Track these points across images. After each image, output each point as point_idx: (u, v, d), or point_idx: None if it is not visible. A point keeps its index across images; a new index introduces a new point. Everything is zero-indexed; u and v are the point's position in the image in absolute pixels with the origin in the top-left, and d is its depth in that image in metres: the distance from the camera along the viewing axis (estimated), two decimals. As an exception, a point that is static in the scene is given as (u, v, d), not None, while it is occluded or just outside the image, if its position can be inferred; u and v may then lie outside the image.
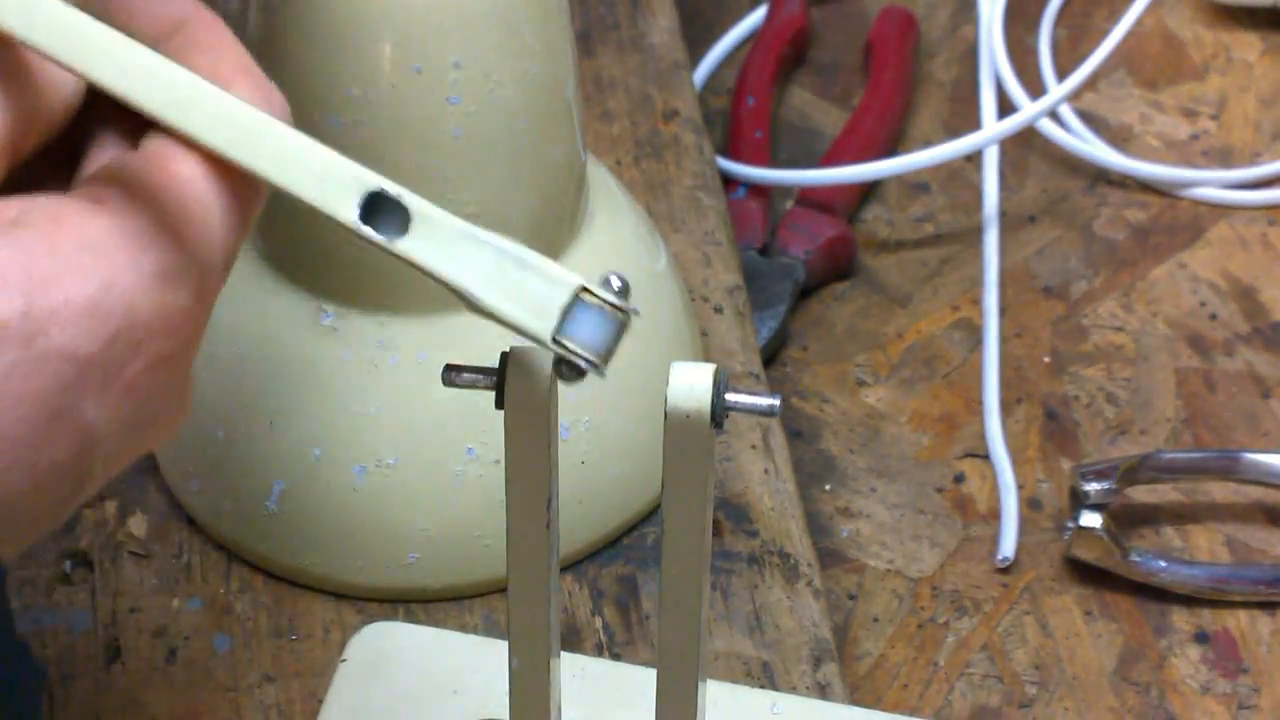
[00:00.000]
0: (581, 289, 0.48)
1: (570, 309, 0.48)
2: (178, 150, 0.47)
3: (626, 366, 0.73)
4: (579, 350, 0.48)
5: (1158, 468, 0.76)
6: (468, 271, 0.48)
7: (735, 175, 0.88)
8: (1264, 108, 0.93)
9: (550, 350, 0.48)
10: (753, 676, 0.69)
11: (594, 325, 0.48)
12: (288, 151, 0.47)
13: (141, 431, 0.48)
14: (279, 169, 0.47)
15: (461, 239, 0.48)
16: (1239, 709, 0.71)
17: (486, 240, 0.48)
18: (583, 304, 0.48)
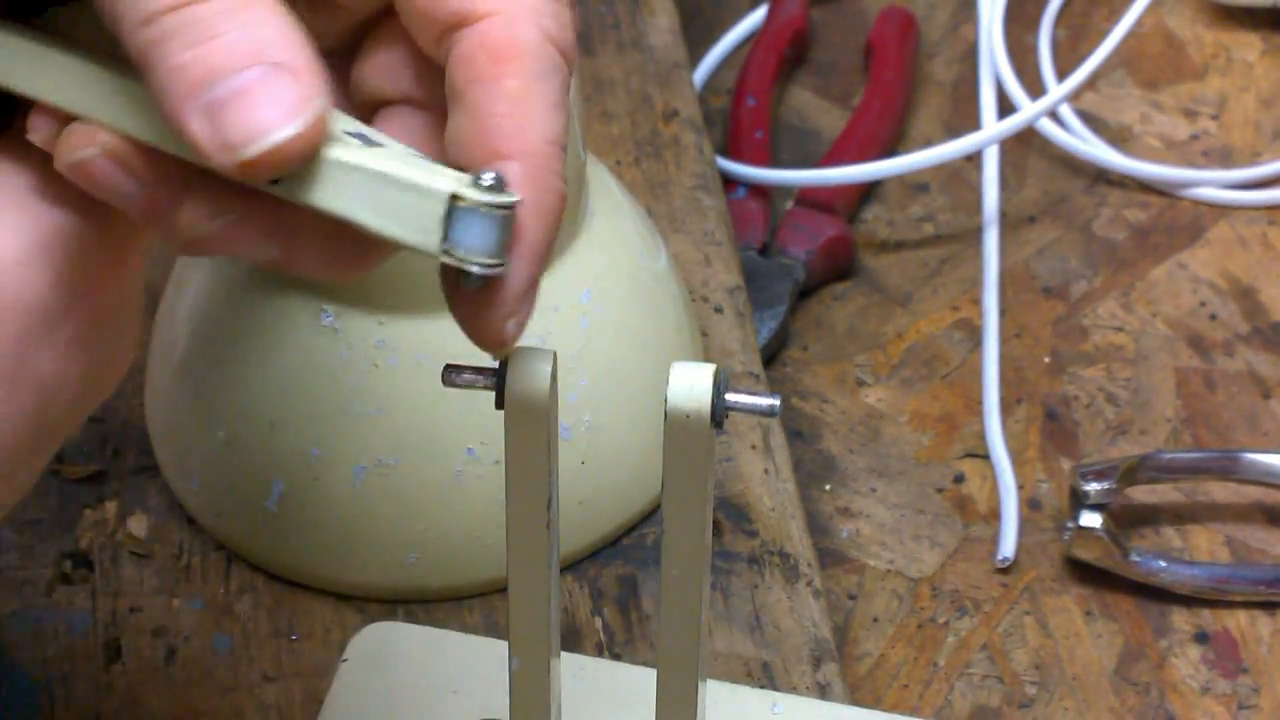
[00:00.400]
0: (452, 197, 0.47)
1: (450, 218, 0.47)
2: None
3: (626, 366, 0.73)
4: (467, 256, 0.47)
5: (1158, 468, 0.76)
6: (347, 201, 0.47)
7: (735, 175, 0.88)
8: (1264, 108, 0.93)
9: (444, 259, 0.47)
10: (753, 676, 0.69)
11: (477, 228, 0.47)
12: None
13: (95, 378, 0.48)
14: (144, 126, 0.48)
15: (334, 170, 0.47)
16: (1239, 709, 0.71)
17: (357, 165, 0.47)
18: (460, 210, 0.47)
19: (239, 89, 0.46)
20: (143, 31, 0.46)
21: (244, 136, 0.46)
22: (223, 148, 0.46)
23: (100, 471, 0.75)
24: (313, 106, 0.47)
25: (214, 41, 0.46)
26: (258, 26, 0.47)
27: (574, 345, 0.71)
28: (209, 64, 0.46)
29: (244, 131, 0.46)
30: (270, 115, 0.46)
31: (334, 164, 0.47)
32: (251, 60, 0.46)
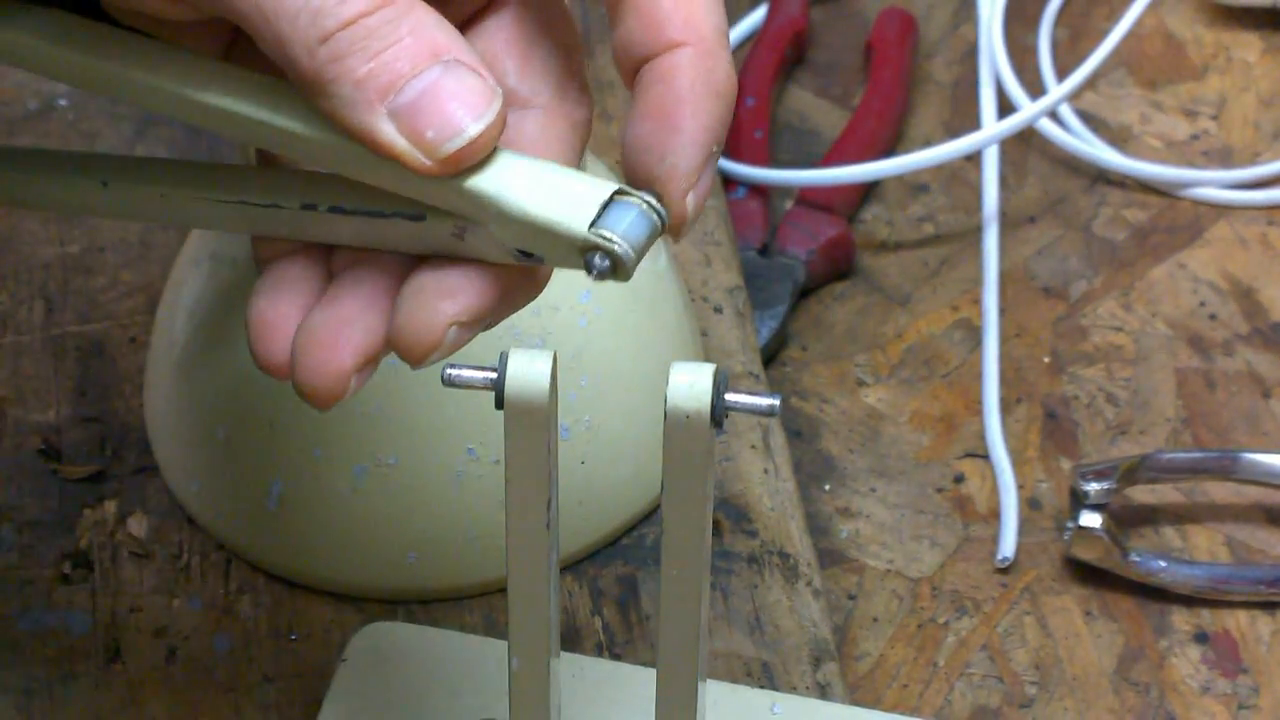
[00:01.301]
0: (619, 190, 0.49)
1: (607, 207, 0.49)
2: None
3: (626, 366, 0.73)
4: (613, 237, 0.48)
5: (1158, 468, 0.76)
6: (501, 182, 0.48)
7: (735, 175, 0.88)
8: (1264, 108, 0.93)
9: (586, 243, 0.48)
10: (753, 676, 0.69)
11: (630, 220, 0.49)
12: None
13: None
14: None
15: (495, 155, 0.49)
16: (1239, 709, 0.71)
17: (517, 156, 0.49)
18: (620, 203, 0.49)
19: (427, 89, 0.48)
20: (319, 52, 0.48)
21: (441, 135, 0.48)
22: (421, 148, 0.48)
23: (100, 471, 0.75)
24: (497, 96, 0.48)
25: (393, 48, 0.48)
26: (427, 28, 0.48)
27: (574, 345, 0.71)
28: (395, 70, 0.48)
29: (440, 129, 0.48)
30: (463, 110, 0.48)
31: (501, 152, 0.49)
32: (431, 59, 0.48)
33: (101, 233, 0.83)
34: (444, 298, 0.50)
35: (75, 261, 0.82)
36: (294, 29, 0.47)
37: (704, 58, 0.49)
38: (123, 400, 0.77)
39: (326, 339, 0.50)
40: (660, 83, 0.49)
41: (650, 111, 0.49)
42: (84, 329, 0.80)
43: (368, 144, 0.48)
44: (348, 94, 0.48)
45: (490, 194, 0.48)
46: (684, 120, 0.49)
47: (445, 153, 0.48)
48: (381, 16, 0.48)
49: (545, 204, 0.48)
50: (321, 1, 0.47)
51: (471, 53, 0.49)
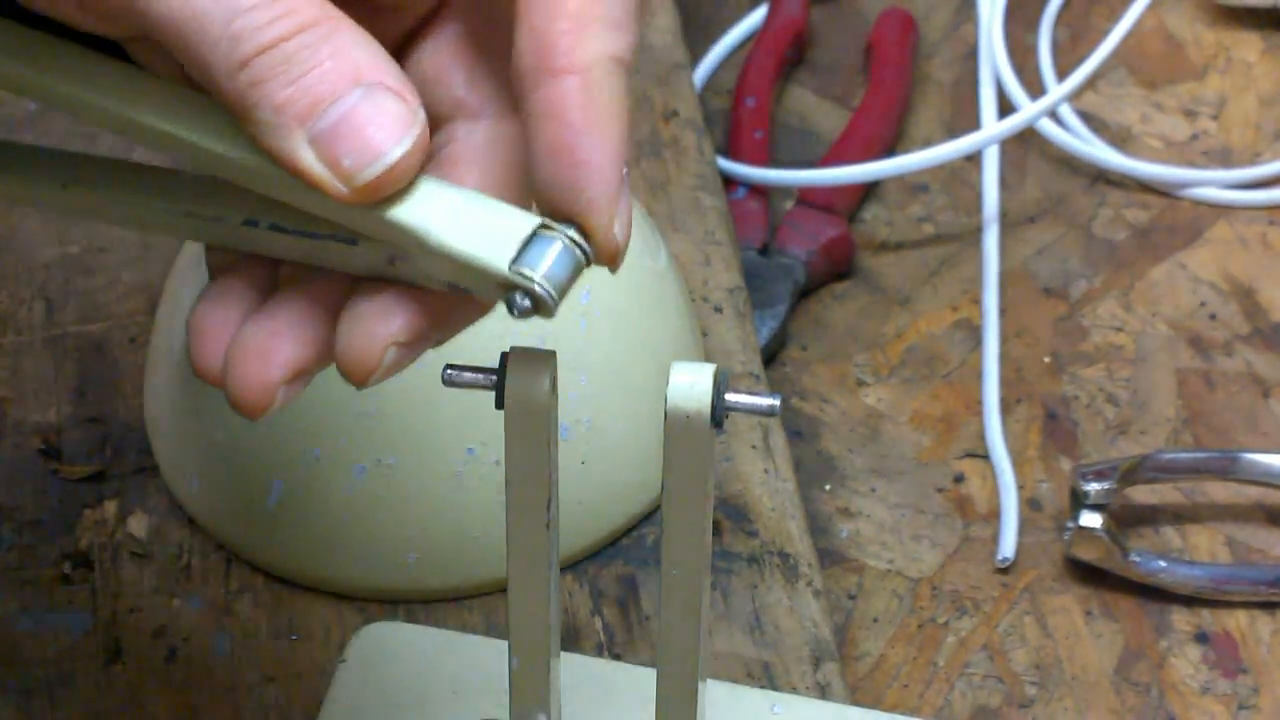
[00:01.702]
0: (542, 225, 0.48)
1: (529, 242, 0.47)
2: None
3: (626, 366, 0.73)
4: (534, 276, 0.47)
5: (1158, 468, 0.76)
6: (422, 214, 0.48)
7: (735, 175, 0.88)
8: (1264, 108, 0.93)
9: (506, 281, 0.47)
10: (753, 676, 0.69)
11: (553, 259, 0.47)
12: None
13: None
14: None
15: (420, 186, 0.48)
16: (1239, 709, 0.71)
17: (444, 186, 0.48)
18: (542, 238, 0.48)
19: (345, 115, 0.47)
20: (239, 77, 0.47)
21: (358, 161, 0.47)
22: (340, 175, 0.47)
23: (100, 471, 0.75)
24: (418, 121, 0.47)
25: (313, 72, 0.47)
26: (349, 51, 0.47)
27: (574, 345, 0.71)
28: (314, 95, 0.47)
29: (359, 156, 0.47)
30: (381, 136, 0.47)
31: (426, 180, 0.48)
32: (351, 84, 0.47)
33: (101, 233, 0.83)
34: (380, 320, 0.49)
35: (75, 261, 0.82)
36: (214, 53, 0.47)
37: (591, 87, 0.48)
38: (123, 400, 0.77)
39: (257, 350, 0.50)
40: (552, 119, 0.48)
41: (551, 151, 0.48)
42: (84, 329, 0.80)
43: (288, 170, 0.47)
44: (268, 119, 0.47)
45: (411, 226, 0.47)
46: (587, 154, 0.48)
47: (362, 180, 0.47)
48: (301, 40, 0.47)
49: (466, 239, 0.47)
50: (241, 25, 0.47)
51: (397, 75, 0.48)
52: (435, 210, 0.48)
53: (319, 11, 0.47)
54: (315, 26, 0.47)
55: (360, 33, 0.48)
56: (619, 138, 0.49)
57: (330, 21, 0.47)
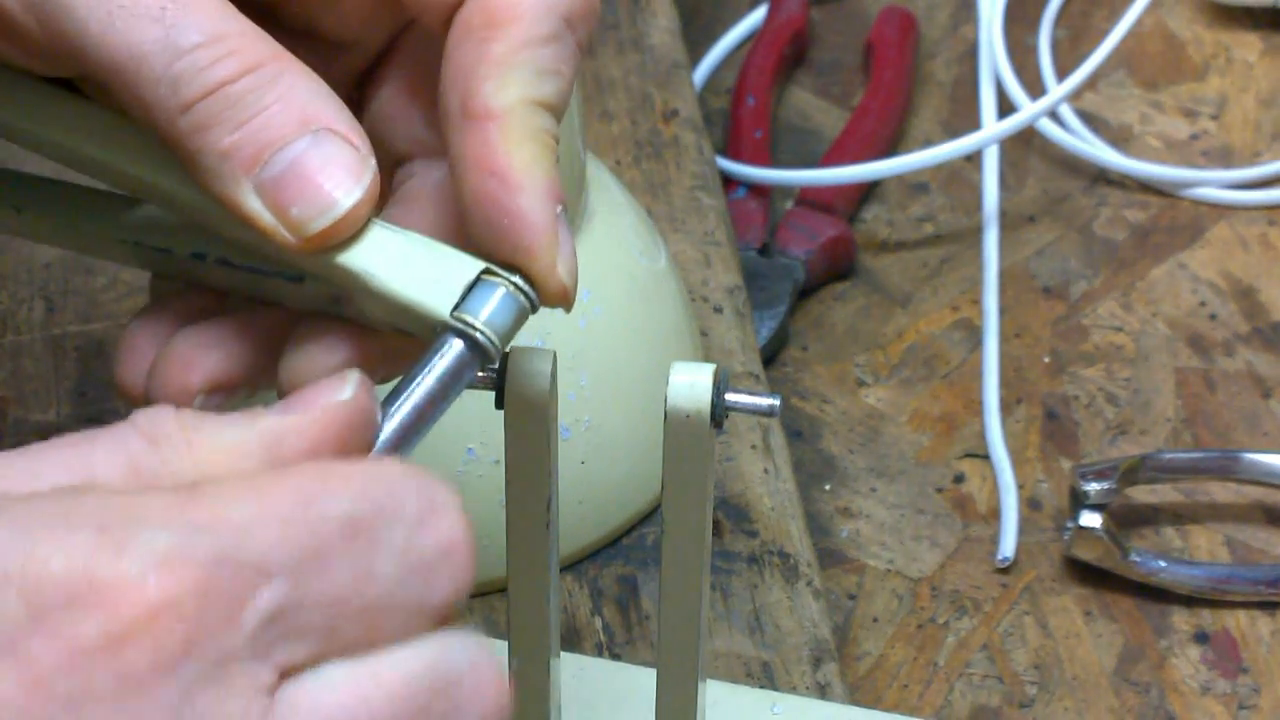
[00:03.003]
0: (486, 270, 0.47)
1: (472, 288, 0.47)
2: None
3: (626, 366, 0.73)
4: (475, 323, 0.47)
5: (1158, 468, 0.76)
6: (367, 258, 0.47)
7: (735, 175, 0.88)
8: (1264, 108, 0.93)
9: (447, 326, 0.47)
10: (753, 676, 0.69)
11: (495, 305, 0.47)
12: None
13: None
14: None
15: (367, 229, 0.47)
16: (1239, 709, 0.71)
17: (391, 231, 0.47)
18: (486, 283, 0.47)
19: (293, 163, 0.45)
20: (183, 120, 0.45)
21: (306, 212, 0.46)
22: (287, 225, 0.46)
23: (100, 471, 0.75)
24: (369, 168, 0.46)
25: (258, 117, 0.45)
26: (296, 94, 0.46)
27: (574, 345, 0.71)
28: (260, 140, 0.45)
29: (307, 205, 0.46)
30: (331, 185, 0.46)
31: (373, 224, 0.47)
32: (299, 129, 0.46)
33: (101, 233, 0.83)
34: (324, 353, 0.48)
35: (75, 261, 0.82)
36: (155, 95, 0.45)
37: (510, 131, 0.47)
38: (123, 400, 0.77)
39: (180, 357, 0.49)
40: (474, 170, 0.47)
41: (477, 202, 0.47)
42: (84, 329, 0.80)
43: (235, 216, 0.46)
44: (213, 165, 0.45)
45: (355, 270, 0.47)
46: (514, 201, 0.47)
47: (311, 231, 0.46)
48: (245, 84, 0.45)
49: (409, 283, 0.47)
50: (181, 67, 0.45)
51: (347, 119, 0.46)
52: (380, 254, 0.47)
53: (265, 52, 0.46)
54: (261, 68, 0.45)
55: (309, 75, 0.46)
56: (545, 181, 0.47)
57: (277, 62, 0.46)
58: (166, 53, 0.45)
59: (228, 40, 0.45)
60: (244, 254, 0.49)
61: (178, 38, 0.45)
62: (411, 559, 0.41)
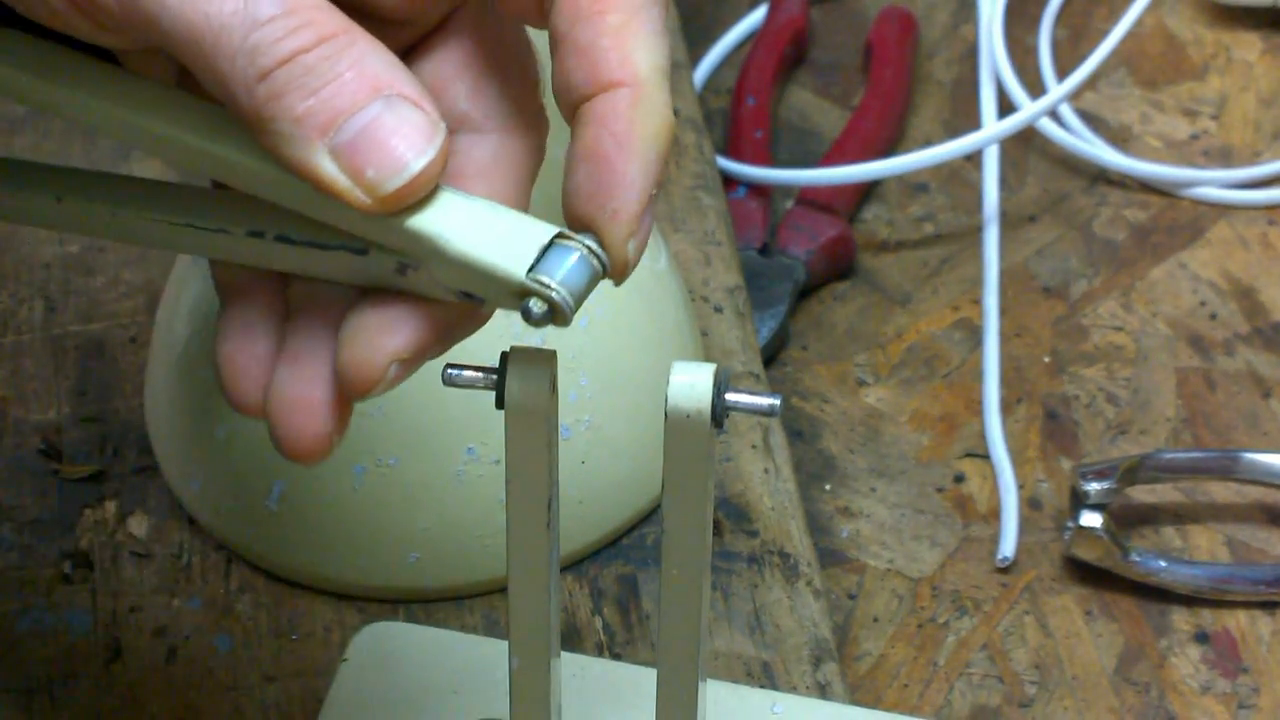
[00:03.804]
0: (560, 234, 0.48)
1: (547, 251, 0.48)
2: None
3: (626, 366, 0.73)
4: (551, 283, 0.47)
5: (1158, 468, 0.76)
6: (441, 223, 0.48)
7: (735, 175, 0.88)
8: (1264, 108, 0.93)
9: (523, 288, 0.47)
10: (753, 676, 0.69)
11: (570, 266, 0.48)
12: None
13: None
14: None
15: (437, 194, 0.48)
16: (1239, 709, 0.71)
17: (461, 196, 0.48)
18: (560, 246, 0.48)
19: (367, 126, 0.47)
20: (259, 89, 0.47)
21: (381, 173, 0.47)
22: (362, 186, 0.47)
23: (100, 471, 0.75)
24: (440, 131, 0.47)
25: (333, 84, 0.47)
26: (367, 63, 0.47)
27: (574, 345, 0.71)
28: (334, 107, 0.47)
29: (380, 167, 0.47)
30: (404, 147, 0.47)
31: (443, 190, 0.48)
32: (371, 95, 0.47)
33: (101, 233, 0.83)
34: (385, 334, 0.49)
35: (75, 261, 0.82)
36: (232, 66, 0.47)
37: (641, 100, 0.48)
38: (123, 400, 0.77)
39: (298, 402, 0.51)
40: (597, 126, 0.48)
41: (588, 156, 0.48)
42: (84, 329, 0.80)
43: (309, 181, 0.47)
44: (287, 131, 0.47)
45: (429, 234, 0.47)
46: (623, 165, 0.48)
47: (386, 191, 0.47)
48: (320, 53, 0.47)
49: (484, 246, 0.47)
50: (259, 38, 0.47)
51: (416, 85, 0.48)
52: (453, 219, 0.48)
53: (337, 24, 0.47)
54: (334, 39, 0.47)
55: (378, 45, 0.48)
56: (658, 156, 0.49)
57: (348, 34, 0.47)
58: (243, 25, 0.47)
59: (301, 12, 0.47)
60: (304, 229, 0.50)
61: (255, 9, 0.47)
62: None
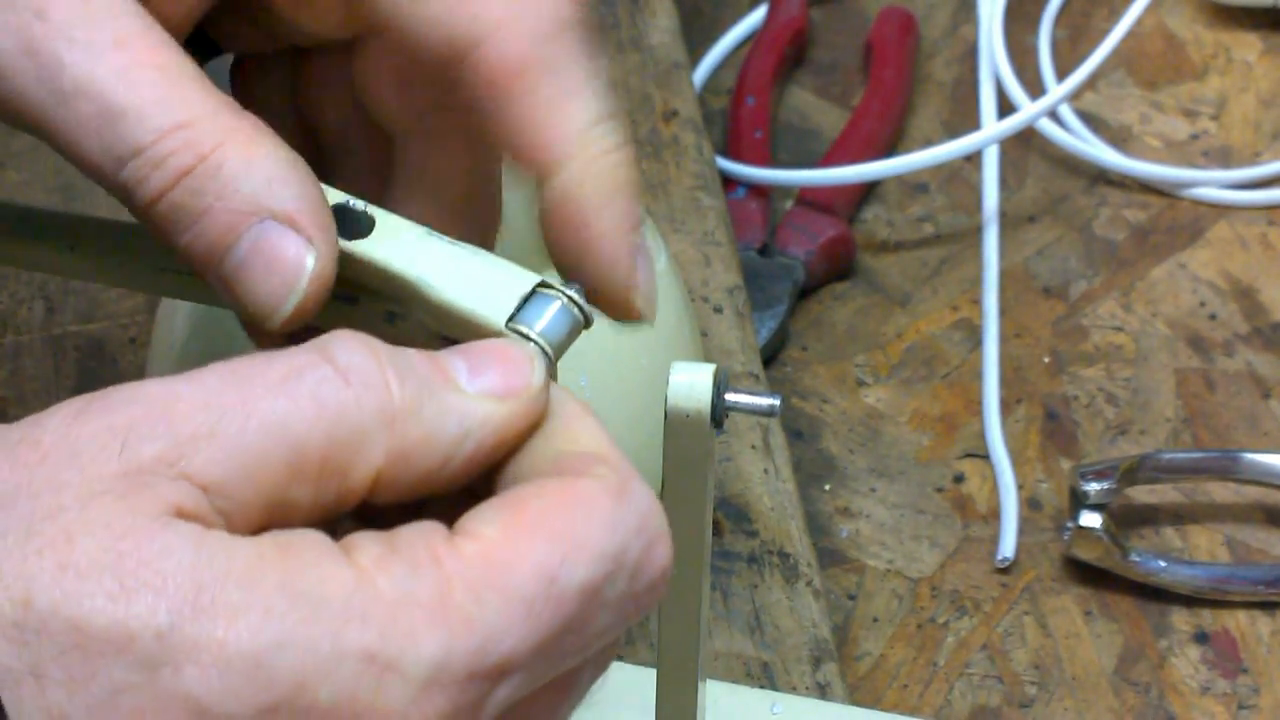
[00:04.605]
0: (542, 283, 0.48)
1: (528, 300, 0.47)
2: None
3: (626, 366, 0.73)
4: (533, 336, 0.47)
5: (1158, 468, 0.76)
6: (424, 267, 0.47)
7: (735, 175, 0.88)
8: (1264, 108, 0.93)
9: (502, 336, 0.47)
10: (753, 676, 0.69)
11: (551, 316, 0.47)
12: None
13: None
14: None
15: (421, 240, 0.48)
16: (1239, 709, 0.71)
17: (445, 242, 0.48)
18: (541, 296, 0.47)
19: (243, 259, 0.45)
20: (149, 216, 0.46)
21: (269, 300, 0.46)
22: (258, 312, 0.46)
23: (100, 471, 0.75)
24: (317, 248, 0.46)
25: (202, 220, 0.45)
26: (238, 183, 0.45)
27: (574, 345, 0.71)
28: (208, 241, 0.45)
29: (267, 296, 0.46)
30: (277, 281, 0.46)
31: (423, 236, 0.48)
32: (244, 223, 0.45)
33: (101, 233, 0.83)
34: None
35: (75, 261, 0.82)
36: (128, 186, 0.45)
37: (591, 165, 0.48)
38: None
39: None
40: (561, 201, 0.48)
41: (561, 225, 0.48)
42: (84, 329, 0.80)
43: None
44: (184, 257, 0.46)
45: (411, 278, 0.47)
46: (597, 225, 0.48)
47: (278, 319, 0.46)
48: (187, 186, 0.45)
49: (465, 293, 0.47)
50: (126, 177, 0.45)
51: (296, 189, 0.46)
52: (435, 264, 0.47)
53: (209, 138, 0.45)
54: (201, 164, 0.45)
55: (255, 144, 0.46)
56: (627, 205, 0.48)
57: (219, 148, 0.45)
58: (112, 165, 0.45)
59: (165, 138, 0.45)
60: None
61: (116, 145, 0.45)
62: (628, 605, 0.41)
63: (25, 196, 0.84)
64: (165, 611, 0.37)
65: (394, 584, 0.39)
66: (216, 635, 0.37)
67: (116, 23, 0.45)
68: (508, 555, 0.40)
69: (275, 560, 0.38)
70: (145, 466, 0.39)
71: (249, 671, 0.37)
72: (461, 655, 0.38)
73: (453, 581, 0.39)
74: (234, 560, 0.38)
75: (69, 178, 0.85)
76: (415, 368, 0.42)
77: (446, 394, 0.42)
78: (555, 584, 0.40)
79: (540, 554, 0.40)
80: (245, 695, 0.37)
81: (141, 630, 0.37)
